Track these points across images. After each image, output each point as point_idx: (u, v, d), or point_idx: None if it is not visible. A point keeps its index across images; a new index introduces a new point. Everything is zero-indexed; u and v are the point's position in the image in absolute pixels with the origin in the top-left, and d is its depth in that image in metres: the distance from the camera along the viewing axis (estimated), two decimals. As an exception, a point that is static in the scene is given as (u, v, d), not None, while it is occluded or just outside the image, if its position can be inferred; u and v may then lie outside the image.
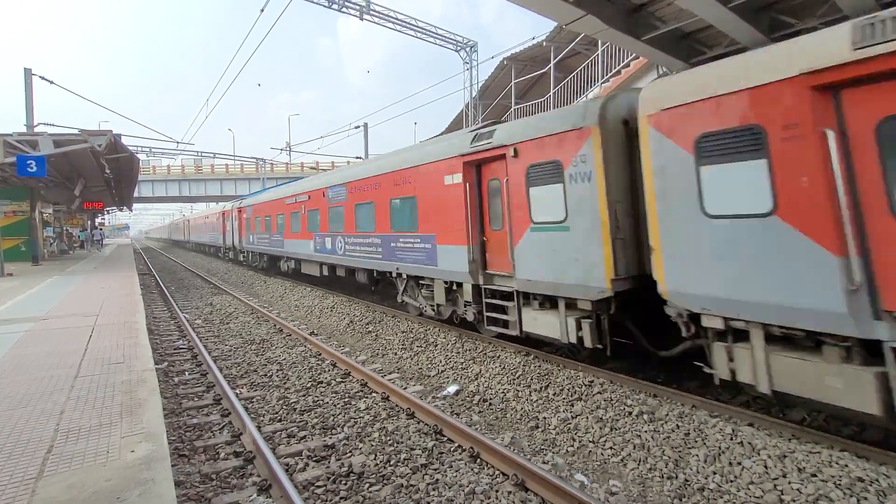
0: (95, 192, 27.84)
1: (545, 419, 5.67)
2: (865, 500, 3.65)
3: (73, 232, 40.03)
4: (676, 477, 4.32)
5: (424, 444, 5.07)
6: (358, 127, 30.94)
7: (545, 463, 4.72)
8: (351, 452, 4.98)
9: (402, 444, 5.10)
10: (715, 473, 4.25)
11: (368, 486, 4.35)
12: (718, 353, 4.97)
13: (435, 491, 4.24)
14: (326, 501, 4.16)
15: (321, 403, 6.33)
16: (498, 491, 4.21)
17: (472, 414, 6.04)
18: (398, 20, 23.97)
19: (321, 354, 8.64)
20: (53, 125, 19.37)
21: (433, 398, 6.53)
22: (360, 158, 30.68)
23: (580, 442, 5.14)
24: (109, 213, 56.19)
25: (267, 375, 7.63)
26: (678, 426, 4.94)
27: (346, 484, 4.36)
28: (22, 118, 18.08)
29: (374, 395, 6.57)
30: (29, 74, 18.14)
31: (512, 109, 22.08)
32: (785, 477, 4.03)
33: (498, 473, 4.48)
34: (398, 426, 5.51)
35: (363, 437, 5.32)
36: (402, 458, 4.81)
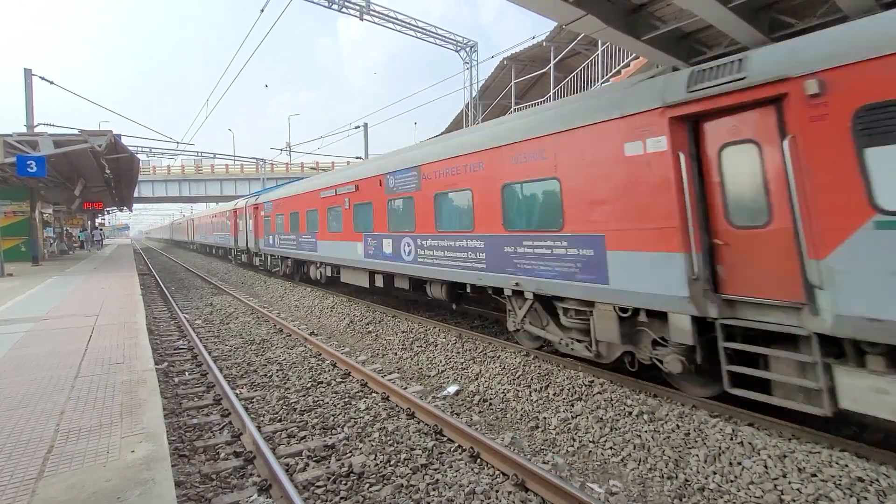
0: (95, 192, 27.87)
1: (545, 419, 5.67)
2: (865, 499, 3.66)
3: (72, 232, 40.05)
4: (676, 477, 4.32)
5: (424, 444, 5.08)
6: (358, 127, 30.95)
7: (545, 463, 4.73)
8: (351, 452, 4.98)
9: (402, 444, 5.11)
10: (715, 473, 4.25)
11: (368, 486, 4.35)
12: None
13: (435, 491, 4.24)
14: (326, 501, 4.16)
15: (321, 403, 6.33)
16: (498, 491, 4.21)
17: (472, 414, 6.05)
18: (398, 20, 23.98)
19: (321, 354, 8.64)
20: (53, 125, 19.40)
21: (433, 398, 6.53)
22: (360, 158, 30.68)
23: (580, 442, 5.14)
24: (109, 213, 56.25)
25: (267, 375, 7.63)
26: (678, 426, 4.94)
27: (346, 484, 4.37)
28: (22, 118, 18.10)
29: (374, 395, 6.57)
30: (29, 75, 18.15)
31: (512, 109, 22.09)
32: (785, 477, 4.03)
33: (498, 473, 4.49)
34: (398, 426, 5.51)
35: (363, 437, 5.32)
36: (402, 458, 4.82)
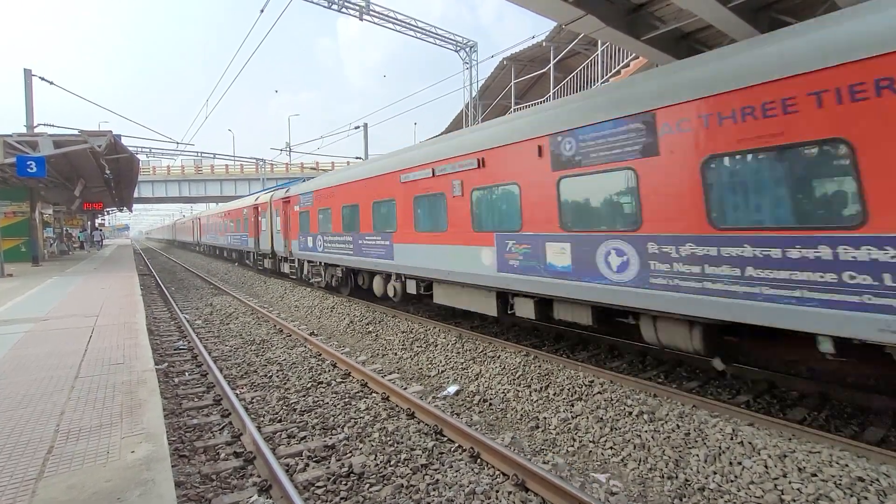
0: (95, 192, 27.89)
1: (545, 419, 5.67)
2: (866, 499, 3.65)
3: (72, 233, 40.05)
4: (677, 477, 4.32)
5: (425, 444, 5.07)
6: (358, 127, 30.95)
7: (545, 463, 4.73)
8: (351, 453, 4.98)
9: (402, 444, 5.10)
10: (715, 473, 4.25)
11: (369, 486, 4.35)
12: None
13: (435, 491, 4.24)
14: (327, 502, 4.16)
15: (321, 404, 6.33)
16: (498, 491, 4.21)
17: (472, 414, 6.04)
18: (398, 20, 23.97)
19: (321, 355, 8.64)
20: (53, 126, 19.40)
21: (433, 398, 6.53)
22: (360, 159, 30.68)
23: (580, 442, 5.14)
24: (109, 213, 56.24)
25: (267, 376, 7.63)
26: (678, 426, 4.94)
27: (346, 484, 4.36)
28: (22, 118, 18.10)
29: (374, 395, 6.57)
30: (29, 75, 18.15)
31: (512, 109, 22.09)
32: (785, 476, 4.03)
33: (498, 473, 4.48)
34: (398, 426, 5.51)
35: (363, 437, 5.32)
36: (402, 458, 4.81)
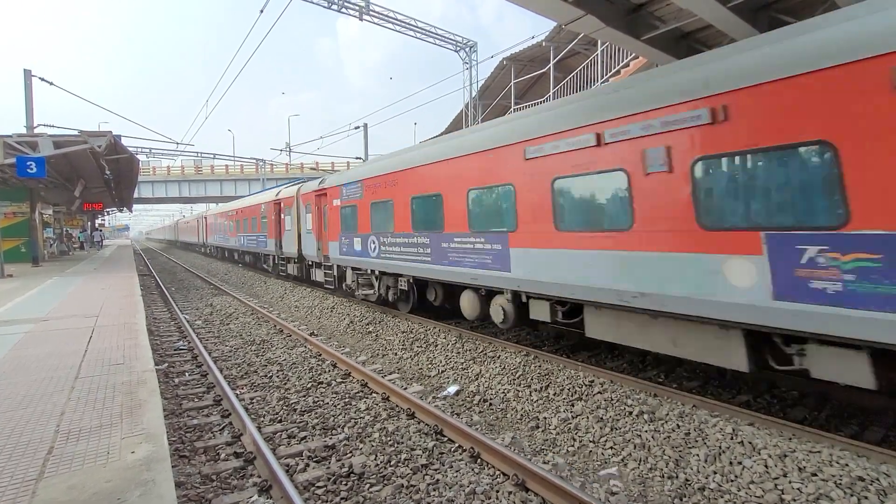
0: (95, 193, 27.87)
1: (545, 419, 5.67)
2: (866, 499, 3.65)
3: (72, 233, 40.03)
4: (677, 476, 4.32)
5: (425, 444, 5.07)
6: (358, 127, 30.93)
7: (546, 463, 4.72)
8: (351, 453, 4.98)
9: (402, 444, 5.10)
10: (715, 473, 4.25)
11: (369, 486, 4.35)
12: None
13: (435, 491, 4.24)
14: (327, 502, 4.16)
15: (321, 404, 6.33)
16: (498, 491, 4.21)
17: (472, 414, 6.04)
18: (398, 21, 23.97)
19: (321, 355, 8.64)
20: (53, 126, 19.38)
21: (433, 398, 6.53)
22: (360, 159, 30.67)
23: (580, 442, 5.14)
24: (109, 214, 56.21)
25: (267, 376, 7.63)
26: (678, 426, 4.94)
27: (346, 484, 4.36)
28: (22, 119, 18.10)
29: (374, 395, 6.57)
30: (29, 76, 18.15)
31: (512, 109, 22.08)
32: (785, 476, 4.03)
33: (498, 473, 4.48)
34: (398, 426, 5.51)
35: (363, 437, 5.32)
36: (402, 458, 4.81)
